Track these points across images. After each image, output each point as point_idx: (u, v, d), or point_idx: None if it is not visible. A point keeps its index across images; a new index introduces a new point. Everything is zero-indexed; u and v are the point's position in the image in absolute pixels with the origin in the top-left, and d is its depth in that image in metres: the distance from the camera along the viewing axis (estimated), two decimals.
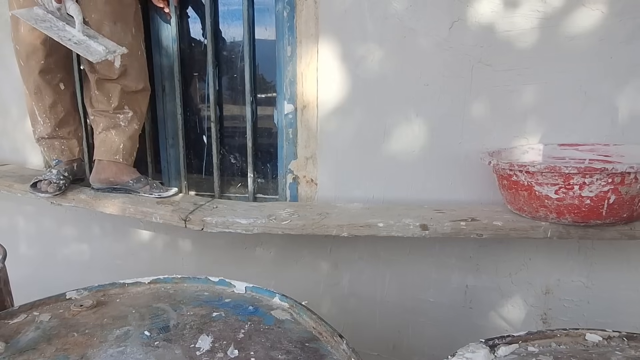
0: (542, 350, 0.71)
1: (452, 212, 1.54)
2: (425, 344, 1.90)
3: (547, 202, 1.30)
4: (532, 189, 1.31)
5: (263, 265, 1.98)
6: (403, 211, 1.59)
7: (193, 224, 1.61)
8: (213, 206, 1.72)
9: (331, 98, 1.75)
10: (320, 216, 1.57)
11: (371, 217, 1.52)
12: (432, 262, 1.81)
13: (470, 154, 1.65)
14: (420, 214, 1.54)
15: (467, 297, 1.81)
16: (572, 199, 1.25)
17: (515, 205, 1.44)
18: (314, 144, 1.80)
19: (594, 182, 1.21)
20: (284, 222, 1.53)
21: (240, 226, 1.57)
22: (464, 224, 1.42)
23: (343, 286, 1.93)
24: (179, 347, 0.71)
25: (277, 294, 0.85)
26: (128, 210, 1.70)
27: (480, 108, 1.63)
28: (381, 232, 1.49)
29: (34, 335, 0.75)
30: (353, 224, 1.51)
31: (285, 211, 1.64)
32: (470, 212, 1.52)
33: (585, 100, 1.54)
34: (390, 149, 1.73)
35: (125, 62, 1.63)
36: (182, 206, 1.71)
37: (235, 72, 1.96)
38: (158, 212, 1.65)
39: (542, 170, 1.25)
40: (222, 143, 2.01)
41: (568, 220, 1.32)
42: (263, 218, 1.57)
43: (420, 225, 1.45)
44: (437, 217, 1.50)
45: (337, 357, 0.70)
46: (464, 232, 1.42)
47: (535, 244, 1.69)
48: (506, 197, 1.47)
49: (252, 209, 1.69)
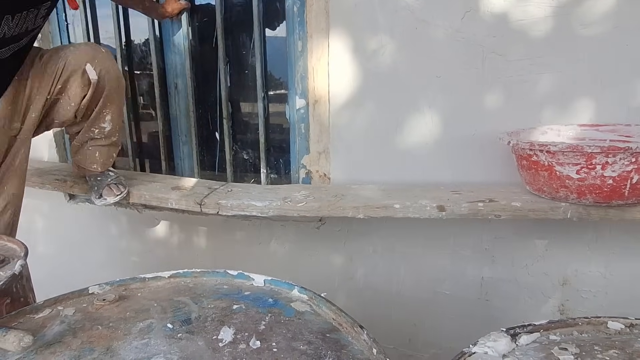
0: (564, 339, 0.71)
1: (470, 193, 1.53)
2: (442, 336, 1.90)
3: (568, 183, 1.28)
4: (552, 169, 1.29)
5: (278, 260, 1.99)
6: (419, 193, 1.58)
7: (208, 208, 1.62)
8: (227, 190, 1.74)
9: (343, 92, 1.74)
10: (335, 198, 1.57)
11: (387, 199, 1.52)
12: (447, 254, 1.81)
13: (485, 144, 1.63)
14: (437, 195, 1.53)
15: (483, 289, 1.80)
16: (594, 179, 1.24)
17: (534, 186, 1.43)
18: (326, 139, 1.80)
19: (617, 162, 1.19)
20: (299, 204, 1.54)
21: (255, 209, 1.57)
22: (482, 204, 1.41)
23: (358, 280, 1.93)
24: (202, 338, 0.72)
25: (296, 286, 0.85)
26: (144, 197, 1.73)
27: (494, 99, 1.62)
28: (397, 214, 1.48)
29: (60, 328, 0.76)
30: (369, 205, 1.50)
31: (300, 193, 1.65)
32: (488, 194, 1.51)
33: (601, 89, 1.52)
34: (403, 141, 1.72)
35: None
36: (196, 191, 1.73)
37: (246, 69, 1.96)
38: (173, 198, 1.67)
39: (563, 149, 1.23)
40: (235, 139, 2.02)
41: (589, 201, 1.30)
42: (278, 200, 1.57)
43: (437, 207, 1.44)
44: (454, 198, 1.49)
45: (358, 347, 0.70)
46: (481, 212, 1.41)
47: (552, 234, 1.68)
48: (525, 177, 1.45)
49: (266, 192, 1.69)
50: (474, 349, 0.68)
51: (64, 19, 2.09)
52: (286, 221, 1.94)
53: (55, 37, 2.11)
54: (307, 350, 0.68)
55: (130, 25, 2.07)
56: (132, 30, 2.09)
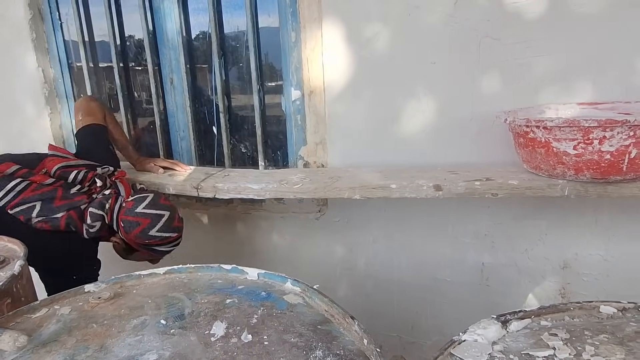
0: (555, 324, 0.71)
1: (466, 173, 1.53)
2: (444, 323, 1.91)
3: (565, 159, 1.27)
4: (549, 146, 1.28)
5: (278, 252, 2.00)
6: (416, 173, 1.58)
7: (205, 192, 1.63)
8: (224, 174, 1.75)
9: (338, 82, 1.74)
10: (331, 180, 1.57)
11: (384, 180, 1.52)
12: (447, 241, 1.81)
13: (481, 128, 1.63)
14: (434, 175, 1.53)
15: (483, 275, 1.80)
16: (592, 154, 1.22)
17: (531, 164, 1.42)
18: (323, 129, 1.80)
19: (615, 136, 1.18)
20: (295, 186, 1.54)
21: (252, 191, 1.58)
22: (479, 183, 1.41)
23: (359, 270, 1.94)
24: (194, 334, 0.72)
25: (289, 279, 0.86)
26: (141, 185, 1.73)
27: (490, 83, 1.60)
28: (394, 194, 1.48)
29: (56, 327, 0.77)
30: (365, 186, 1.50)
31: (297, 176, 1.66)
32: (485, 173, 1.51)
33: (599, 68, 1.51)
34: (400, 128, 1.72)
35: None
36: (193, 176, 1.75)
37: (241, 62, 1.96)
38: (170, 183, 1.69)
39: (560, 125, 1.22)
40: (232, 133, 2.02)
41: (587, 177, 1.29)
42: (275, 183, 1.58)
43: (433, 186, 1.44)
44: (451, 177, 1.49)
45: (350, 337, 0.70)
46: (478, 191, 1.41)
47: (551, 218, 1.67)
48: (522, 156, 1.45)
49: (263, 176, 1.70)
50: (464, 336, 0.68)
51: (57, 17, 2.09)
52: (285, 213, 1.95)
53: (50, 36, 2.11)
54: (298, 343, 0.68)
55: (124, 22, 2.07)
56: (126, 27, 2.08)
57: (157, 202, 1.44)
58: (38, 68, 2.08)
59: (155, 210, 1.41)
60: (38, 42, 2.08)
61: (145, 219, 1.39)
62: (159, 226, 1.40)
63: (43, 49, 2.10)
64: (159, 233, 1.41)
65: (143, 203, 1.42)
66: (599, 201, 1.59)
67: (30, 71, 2.09)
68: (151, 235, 1.40)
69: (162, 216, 1.41)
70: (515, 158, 1.52)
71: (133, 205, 1.42)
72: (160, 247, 1.46)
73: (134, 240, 1.41)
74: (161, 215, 1.41)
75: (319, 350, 0.66)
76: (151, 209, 1.41)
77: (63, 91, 2.13)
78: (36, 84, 2.10)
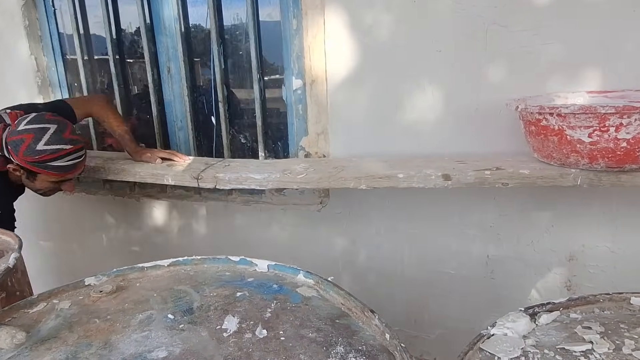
0: (586, 317, 0.67)
1: (475, 162, 1.49)
2: (448, 316, 1.88)
3: (579, 147, 1.24)
4: (563, 134, 1.25)
5: (279, 245, 1.96)
6: (423, 163, 1.53)
7: (205, 182, 1.58)
8: (225, 164, 1.70)
9: (340, 70, 1.69)
10: (336, 169, 1.53)
11: (390, 169, 1.48)
12: (452, 233, 1.77)
13: (488, 117, 1.59)
14: (442, 165, 1.49)
15: (488, 268, 1.78)
16: (607, 142, 1.19)
17: (543, 153, 1.39)
18: (325, 119, 1.75)
19: (632, 123, 1.14)
20: (299, 176, 1.50)
21: (254, 181, 1.53)
22: (489, 172, 1.37)
23: (361, 262, 1.90)
24: (205, 329, 0.68)
25: (301, 270, 0.82)
26: (138, 175, 1.69)
27: (497, 71, 1.57)
28: (401, 184, 1.44)
29: (55, 323, 0.73)
30: (371, 176, 1.46)
31: (300, 166, 1.61)
32: (494, 162, 1.47)
33: (609, 56, 1.47)
34: (404, 118, 1.68)
35: None
36: (192, 166, 1.69)
37: (240, 50, 1.90)
38: (169, 174, 1.63)
39: (575, 111, 1.18)
40: (232, 123, 1.97)
41: (601, 166, 1.26)
42: (277, 173, 1.54)
43: (442, 175, 1.40)
44: (460, 167, 1.45)
45: (370, 332, 0.67)
46: (488, 181, 1.37)
47: (558, 210, 1.64)
48: (533, 144, 1.41)
49: (265, 165, 1.66)
50: (493, 330, 0.64)
51: (51, 4, 2.02)
52: (286, 204, 1.90)
53: (43, 24, 2.04)
54: (317, 338, 0.64)
55: (119, 9, 2.01)
56: (122, 15, 2.02)
57: (43, 118, 1.44)
58: (31, 56, 2.02)
59: (38, 125, 1.41)
60: (31, 29, 2.01)
61: (29, 134, 1.39)
62: (45, 139, 1.39)
63: (36, 36, 2.03)
64: (47, 146, 1.39)
65: (25, 120, 1.42)
66: (607, 192, 1.57)
67: (22, 59, 2.02)
68: (39, 150, 1.39)
69: (46, 129, 1.40)
70: (524, 147, 1.49)
71: (16, 125, 1.42)
72: (56, 162, 1.43)
73: (25, 160, 1.40)
74: (46, 128, 1.41)
75: (340, 346, 0.62)
76: (34, 124, 1.41)
77: (56, 80, 2.07)
78: (29, 72, 2.04)
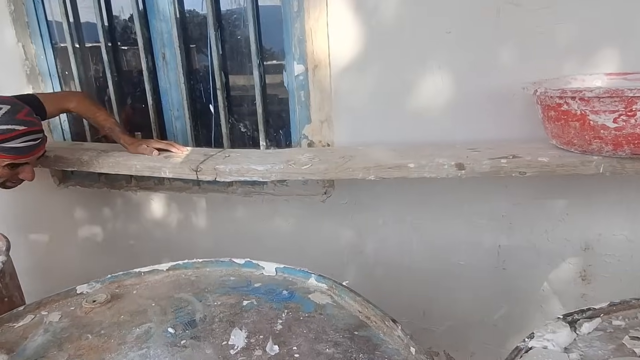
0: (630, 324, 0.61)
1: (489, 150, 1.42)
2: (458, 308, 1.82)
3: (603, 133, 1.17)
4: (585, 119, 1.18)
5: (282, 237, 1.89)
6: (434, 151, 1.45)
7: (205, 174, 1.50)
8: (225, 155, 1.61)
9: (344, 54, 1.61)
10: (343, 159, 1.45)
11: (400, 158, 1.40)
12: (461, 223, 1.71)
13: (500, 101, 1.51)
14: (454, 153, 1.41)
15: (500, 258, 1.72)
16: (634, 128, 1.12)
17: (562, 139, 1.31)
18: (329, 106, 1.68)
19: None
20: (304, 166, 1.42)
21: (256, 173, 1.46)
22: (505, 161, 1.30)
23: (368, 254, 1.84)
24: (210, 345, 0.61)
25: (313, 274, 0.75)
26: (135, 168, 1.60)
27: (510, 53, 1.49)
28: (412, 174, 1.37)
29: (43, 340, 0.66)
30: (381, 166, 1.38)
31: (305, 156, 1.53)
32: (510, 150, 1.39)
33: (627, 37, 1.39)
34: (412, 104, 1.60)
35: None
36: (191, 158, 1.61)
37: (238, 35, 1.81)
38: (167, 166, 1.55)
39: (600, 95, 1.11)
40: (231, 112, 1.89)
41: (625, 153, 1.19)
42: (281, 164, 1.46)
43: (455, 165, 1.33)
44: (473, 155, 1.37)
45: (393, 345, 0.60)
46: (504, 170, 1.30)
47: (573, 198, 1.58)
48: (552, 130, 1.34)
49: (267, 156, 1.58)
50: (531, 342, 0.58)
51: None
52: (289, 195, 1.83)
53: (30, 8, 1.94)
54: (335, 354, 0.58)
55: None
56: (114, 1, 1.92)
57: None
58: (18, 44, 1.92)
59: None
60: (17, 15, 1.91)
61: None
62: None
63: (23, 23, 1.93)
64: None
65: None
66: (625, 179, 1.50)
67: (9, 47, 1.93)
68: None
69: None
70: (539, 133, 1.42)
71: None
72: (8, 143, 1.40)
73: None
74: None
75: None
76: None
77: (46, 69, 1.97)
78: (16, 61, 1.94)
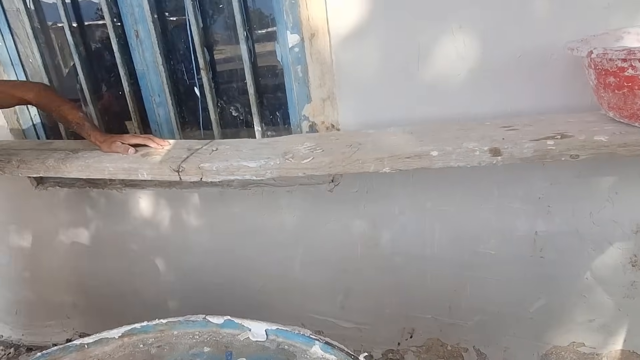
0: None
1: (528, 127, 1.17)
2: (488, 301, 1.63)
3: None
4: None
5: (287, 233, 1.69)
6: (460, 133, 1.21)
7: (188, 175, 1.28)
8: (212, 149, 1.38)
9: (346, 19, 1.36)
10: (350, 149, 1.22)
11: (420, 145, 1.16)
12: (490, 208, 1.49)
13: (535, 65, 1.27)
14: (486, 134, 1.16)
15: (537, 246, 1.50)
16: None
17: (623, 111, 1.07)
18: (330, 81, 1.44)
19: None
20: (304, 160, 1.20)
21: (248, 170, 1.24)
22: (552, 142, 1.06)
23: (384, 246, 1.63)
24: None
25: (316, 340, 0.53)
26: (107, 171, 1.38)
27: (543, 8, 1.23)
28: (436, 164, 1.13)
29: None
30: (396, 155, 1.15)
31: (305, 146, 1.30)
32: (554, 126, 1.14)
33: None
34: (428, 73, 1.36)
35: None
36: (173, 154, 1.37)
37: (221, 3, 1.56)
38: (144, 167, 1.33)
39: None
40: (219, 93, 1.65)
41: None
42: (277, 158, 1.24)
43: (489, 150, 1.09)
44: (510, 136, 1.13)
45: None
46: (551, 154, 1.06)
47: (622, 174, 1.34)
48: (609, 100, 1.10)
49: (261, 148, 1.35)
50: None
51: None
52: (293, 185, 1.62)
53: None
54: None
55: None
56: None
57: None
58: None
59: None
60: None
61: None
62: None
63: None
64: None
65: None
66: None
67: None
68: None
69: None
70: (584, 101, 1.19)
71: None
72: None
73: None
74: None
75: None
76: None
77: (6, 56, 1.73)
78: None
